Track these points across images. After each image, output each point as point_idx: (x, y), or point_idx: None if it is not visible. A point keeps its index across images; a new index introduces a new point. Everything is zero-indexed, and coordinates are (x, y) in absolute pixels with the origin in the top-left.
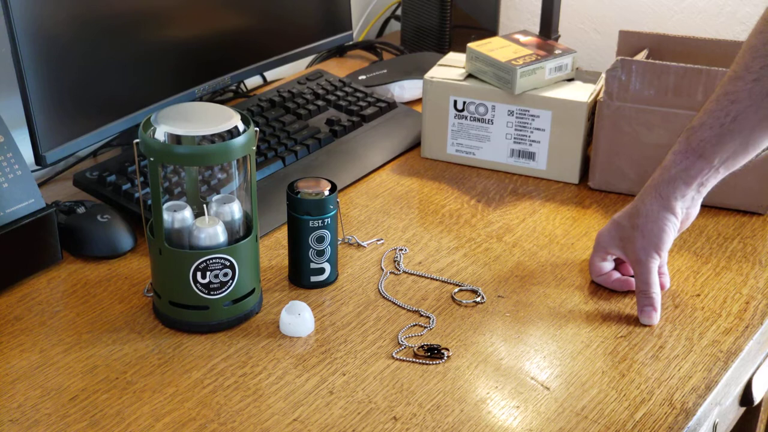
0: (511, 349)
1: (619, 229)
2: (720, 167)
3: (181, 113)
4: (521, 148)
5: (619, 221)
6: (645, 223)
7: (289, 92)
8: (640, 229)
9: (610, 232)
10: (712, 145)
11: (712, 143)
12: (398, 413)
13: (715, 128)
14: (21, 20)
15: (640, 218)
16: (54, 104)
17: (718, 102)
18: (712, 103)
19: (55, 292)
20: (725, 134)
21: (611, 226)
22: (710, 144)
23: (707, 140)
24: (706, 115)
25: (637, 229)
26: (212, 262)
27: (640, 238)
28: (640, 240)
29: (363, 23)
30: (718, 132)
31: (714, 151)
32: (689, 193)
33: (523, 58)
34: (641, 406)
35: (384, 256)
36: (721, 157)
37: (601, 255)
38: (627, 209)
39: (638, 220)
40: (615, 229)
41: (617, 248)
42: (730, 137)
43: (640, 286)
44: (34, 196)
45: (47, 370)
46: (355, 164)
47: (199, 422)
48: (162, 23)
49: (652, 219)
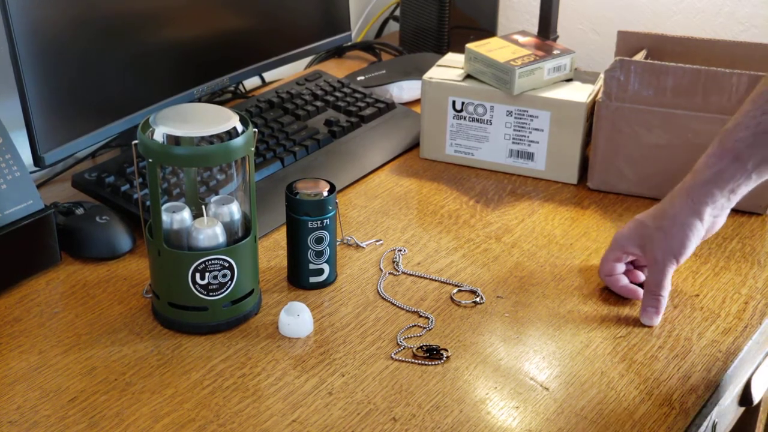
0: (510, 350)
1: (641, 228)
2: (753, 172)
3: (179, 114)
4: (520, 149)
5: (643, 221)
6: (671, 226)
7: (287, 93)
8: (664, 231)
9: (630, 230)
10: (747, 146)
11: (748, 143)
12: (397, 414)
13: (751, 128)
14: (19, 21)
15: (667, 220)
16: (52, 105)
17: (754, 102)
18: (747, 104)
19: (54, 293)
20: (761, 134)
21: (633, 224)
22: (745, 144)
23: (742, 140)
24: (741, 116)
25: (662, 230)
26: (211, 263)
27: (662, 240)
28: (662, 241)
29: (362, 24)
30: (754, 131)
31: (749, 153)
32: (720, 200)
33: (522, 59)
34: (640, 406)
35: (383, 257)
36: (756, 159)
37: (616, 254)
38: (653, 210)
39: (664, 222)
40: (637, 228)
41: (636, 247)
42: (766, 137)
43: (651, 286)
44: (33, 197)
45: (46, 371)
46: (353, 165)
47: (199, 423)
48: (161, 24)
49: (679, 223)
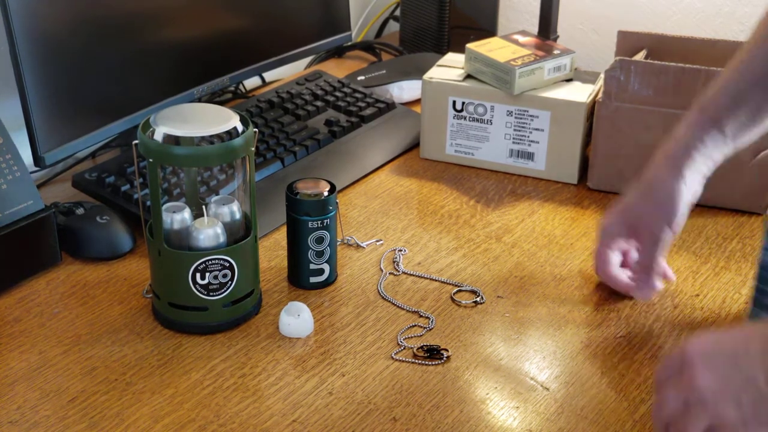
0: (510, 350)
1: (626, 211)
2: (730, 139)
3: (180, 114)
4: (520, 149)
5: (627, 203)
6: (658, 196)
7: (288, 93)
8: (652, 202)
9: (615, 216)
10: (726, 110)
11: (727, 107)
12: (398, 414)
13: (730, 94)
14: (20, 21)
15: (652, 191)
16: (53, 105)
17: (733, 70)
18: (726, 72)
19: (54, 293)
20: (740, 99)
21: (616, 210)
22: (725, 109)
23: (722, 105)
24: (720, 83)
25: (649, 202)
26: (211, 263)
27: (652, 211)
28: (652, 213)
29: (362, 24)
30: (734, 96)
31: (728, 118)
32: (701, 166)
33: (522, 59)
34: (640, 405)
35: (383, 257)
36: (733, 125)
37: (606, 243)
38: (633, 189)
39: (649, 192)
40: (623, 212)
41: (626, 229)
42: (743, 103)
43: (646, 260)
44: (33, 197)
45: (46, 371)
46: (354, 165)
47: (199, 423)
48: (161, 24)
49: (665, 191)
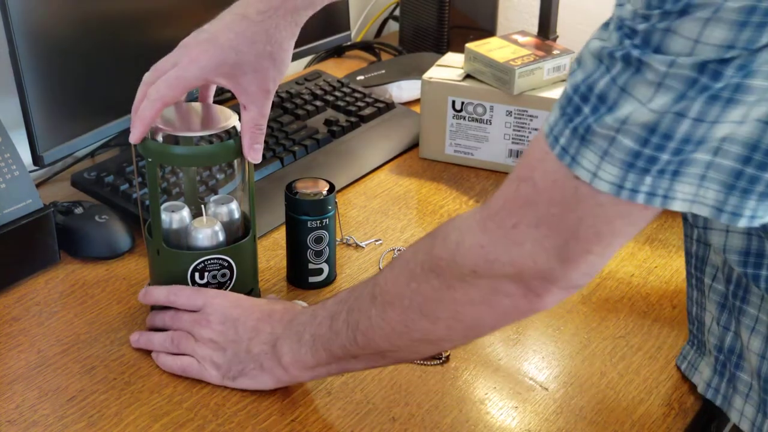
0: (509, 350)
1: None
2: None
3: (179, 114)
4: (520, 149)
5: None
6: (277, 51)
7: (287, 92)
8: (271, 58)
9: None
10: None
11: None
12: (396, 414)
13: None
14: (19, 20)
15: (269, 45)
16: (52, 104)
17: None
18: None
19: (53, 292)
20: None
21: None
22: None
23: None
24: None
25: (266, 57)
26: (210, 262)
27: (270, 67)
28: (270, 69)
29: (361, 23)
30: None
31: None
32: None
33: (522, 59)
34: (639, 406)
35: (382, 257)
36: None
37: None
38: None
39: (266, 47)
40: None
41: (223, 78)
42: None
43: (259, 119)
44: (32, 196)
45: (45, 370)
46: (353, 165)
47: (198, 423)
48: (160, 23)
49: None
